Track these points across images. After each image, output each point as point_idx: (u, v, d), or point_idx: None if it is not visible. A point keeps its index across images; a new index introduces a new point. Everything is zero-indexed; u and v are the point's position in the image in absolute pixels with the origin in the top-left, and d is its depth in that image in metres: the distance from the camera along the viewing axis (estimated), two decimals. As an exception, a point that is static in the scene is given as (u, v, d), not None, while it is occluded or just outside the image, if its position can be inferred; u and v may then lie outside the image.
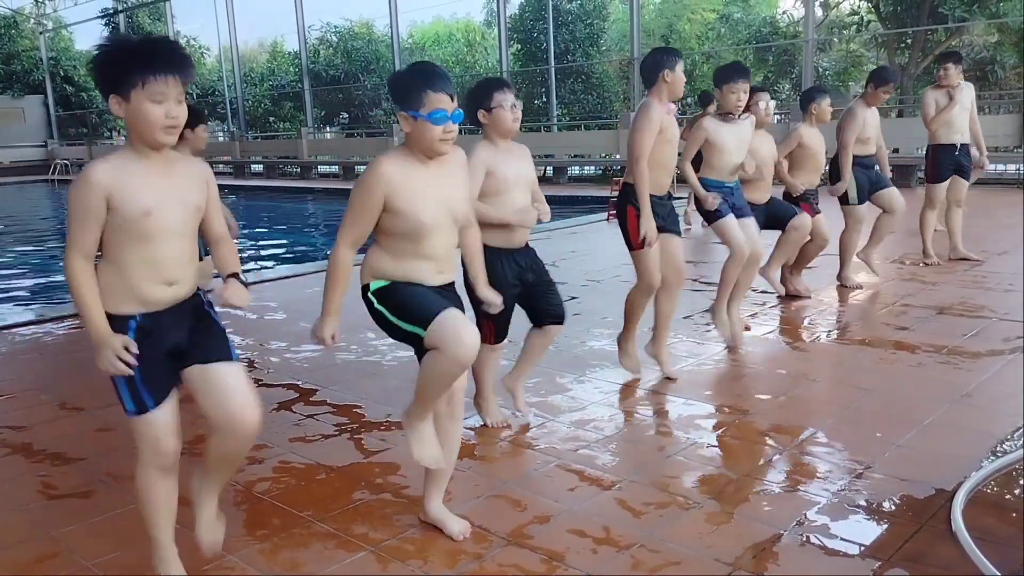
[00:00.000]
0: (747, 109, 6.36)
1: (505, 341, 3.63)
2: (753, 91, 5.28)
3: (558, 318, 3.59)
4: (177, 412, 2.31)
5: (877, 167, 6.25)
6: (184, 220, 2.22)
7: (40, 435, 3.83)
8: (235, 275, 2.42)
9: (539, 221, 3.50)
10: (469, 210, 2.77)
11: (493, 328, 3.53)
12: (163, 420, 2.27)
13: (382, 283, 2.58)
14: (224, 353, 2.30)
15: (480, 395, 3.73)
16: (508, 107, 3.37)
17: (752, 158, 4.96)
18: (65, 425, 3.96)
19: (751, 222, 4.81)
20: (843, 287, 6.26)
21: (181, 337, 2.26)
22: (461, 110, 2.49)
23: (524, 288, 3.51)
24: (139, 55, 2.08)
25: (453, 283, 2.70)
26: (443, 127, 2.42)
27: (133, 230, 2.14)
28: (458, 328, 2.43)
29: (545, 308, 3.56)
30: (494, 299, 2.92)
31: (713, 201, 4.56)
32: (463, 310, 2.59)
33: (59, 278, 10.12)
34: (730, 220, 4.64)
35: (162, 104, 2.08)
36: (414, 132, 2.45)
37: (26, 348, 5.51)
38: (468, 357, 2.44)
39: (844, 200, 6.15)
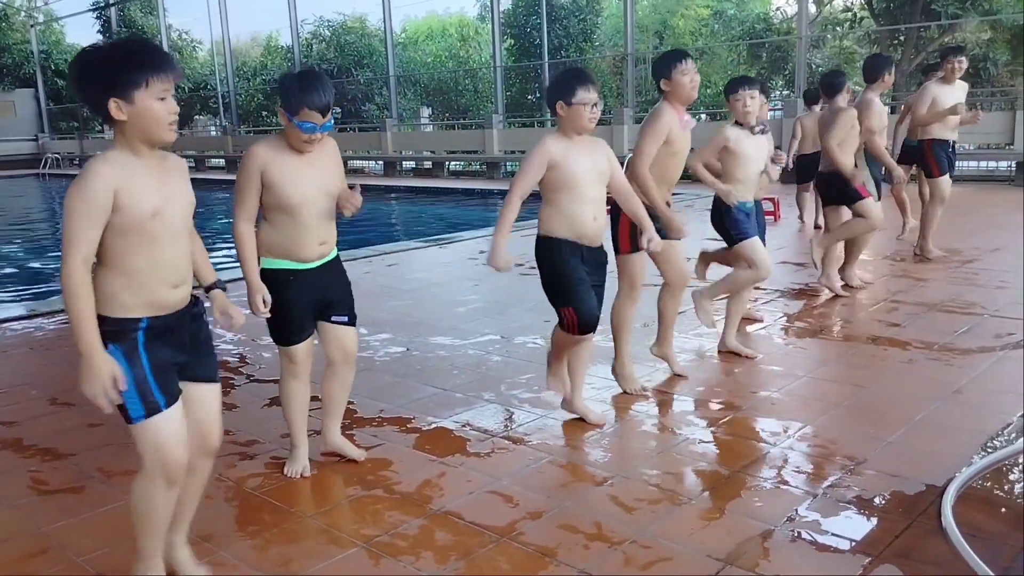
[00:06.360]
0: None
1: (595, 332, 3.48)
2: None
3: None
4: (184, 421, 2.21)
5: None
6: (185, 218, 2.22)
7: (30, 430, 3.82)
8: (217, 285, 2.45)
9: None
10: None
11: (575, 316, 3.37)
12: (176, 424, 2.18)
13: (269, 262, 2.96)
14: (215, 373, 2.36)
15: (572, 390, 3.65)
16: (589, 106, 3.27)
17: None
18: (56, 420, 3.95)
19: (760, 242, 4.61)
20: (847, 285, 6.07)
21: (184, 348, 2.23)
22: (331, 122, 2.86)
23: None
24: (138, 55, 2.06)
25: (340, 264, 3.13)
26: (308, 136, 2.85)
27: (139, 232, 2.08)
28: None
29: None
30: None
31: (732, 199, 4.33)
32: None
33: (50, 273, 10.08)
34: (756, 241, 4.44)
35: (165, 101, 2.08)
36: (287, 130, 2.88)
37: (16, 343, 5.49)
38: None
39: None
